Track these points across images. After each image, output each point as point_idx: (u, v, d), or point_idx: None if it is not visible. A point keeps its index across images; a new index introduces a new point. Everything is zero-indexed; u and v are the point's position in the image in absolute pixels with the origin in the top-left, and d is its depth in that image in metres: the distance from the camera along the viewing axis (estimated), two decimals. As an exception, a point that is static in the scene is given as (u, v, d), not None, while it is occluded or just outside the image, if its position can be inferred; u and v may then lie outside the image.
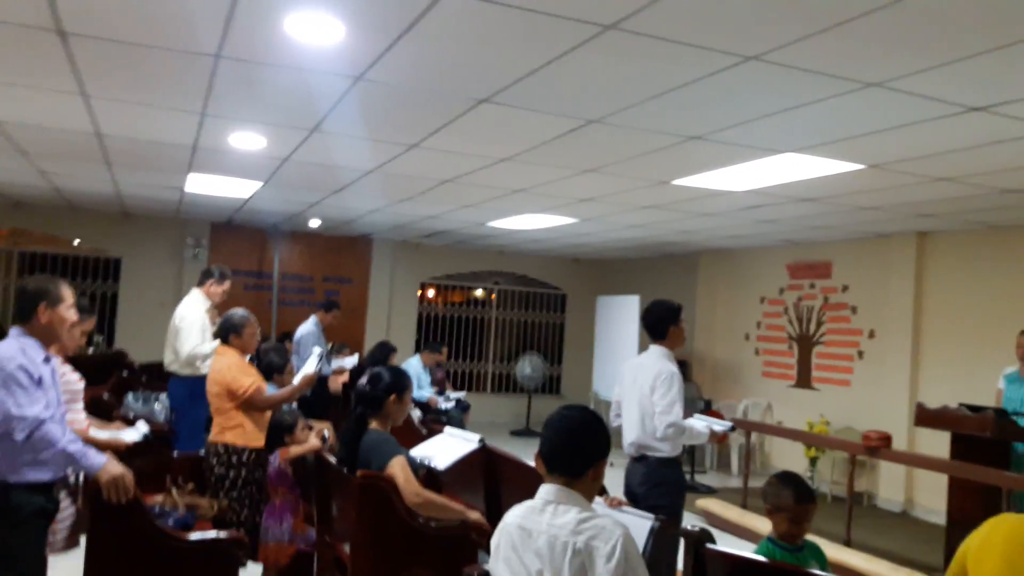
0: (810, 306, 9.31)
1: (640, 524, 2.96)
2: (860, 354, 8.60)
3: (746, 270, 10.34)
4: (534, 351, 12.58)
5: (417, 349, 10.77)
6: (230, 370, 4.58)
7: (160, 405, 6.63)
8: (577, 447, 2.22)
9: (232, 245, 11.40)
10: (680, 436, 4.02)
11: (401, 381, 3.73)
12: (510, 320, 13.33)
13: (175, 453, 4.79)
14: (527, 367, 11.94)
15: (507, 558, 2.18)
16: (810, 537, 3.10)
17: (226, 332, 4.73)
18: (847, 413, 8.52)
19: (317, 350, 5.16)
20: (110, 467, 3.00)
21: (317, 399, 7.41)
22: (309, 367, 4.85)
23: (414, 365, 9.07)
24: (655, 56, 3.36)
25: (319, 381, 7.18)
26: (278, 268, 11.46)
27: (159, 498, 4.29)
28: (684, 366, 10.80)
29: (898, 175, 5.25)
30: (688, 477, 8.45)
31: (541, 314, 13.48)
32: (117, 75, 4.13)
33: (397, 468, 3.47)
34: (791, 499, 2.99)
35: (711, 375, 10.78)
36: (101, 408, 5.40)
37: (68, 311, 3.12)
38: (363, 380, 3.74)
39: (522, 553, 2.14)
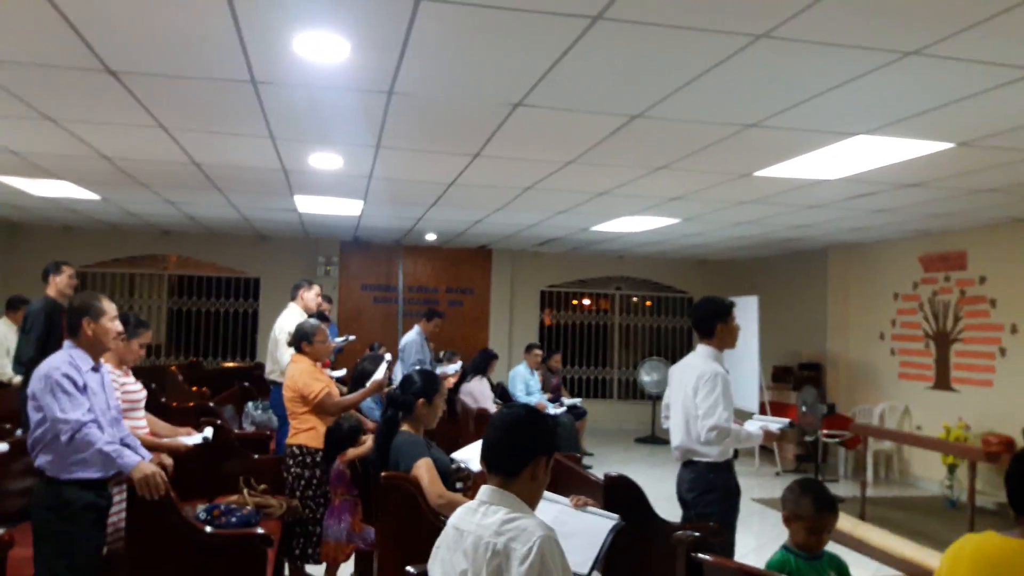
0: (946, 301, 8.56)
1: (601, 524, 2.86)
2: (1002, 351, 7.80)
3: (877, 264, 9.66)
4: (657, 357, 12.32)
5: (547, 356, 10.83)
6: (302, 376, 4.83)
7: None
8: (511, 445, 2.19)
9: (360, 261, 11.97)
10: (724, 439, 3.82)
11: (431, 385, 3.81)
12: (634, 325, 13.13)
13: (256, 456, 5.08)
14: (651, 373, 11.71)
15: (442, 559, 2.18)
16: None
17: (299, 341, 4.99)
18: (990, 416, 7.76)
19: (388, 357, 5.34)
20: (143, 467, 3.26)
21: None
22: (378, 374, 5.02)
23: (520, 371, 9.16)
24: (686, 42, 3.25)
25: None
26: (403, 281, 11.92)
27: (234, 497, 4.61)
28: (817, 369, 10.31)
29: (992, 151, 4.76)
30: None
31: (667, 319, 13.20)
32: (180, 107, 4.50)
33: (423, 470, 3.54)
34: (810, 508, 2.80)
35: (845, 378, 10.13)
36: (203, 414, 5.83)
37: (110, 323, 3.42)
38: (395, 384, 3.85)
39: (452, 553, 2.14)
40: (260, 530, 3.42)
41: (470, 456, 4.07)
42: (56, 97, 4.33)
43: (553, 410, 9.01)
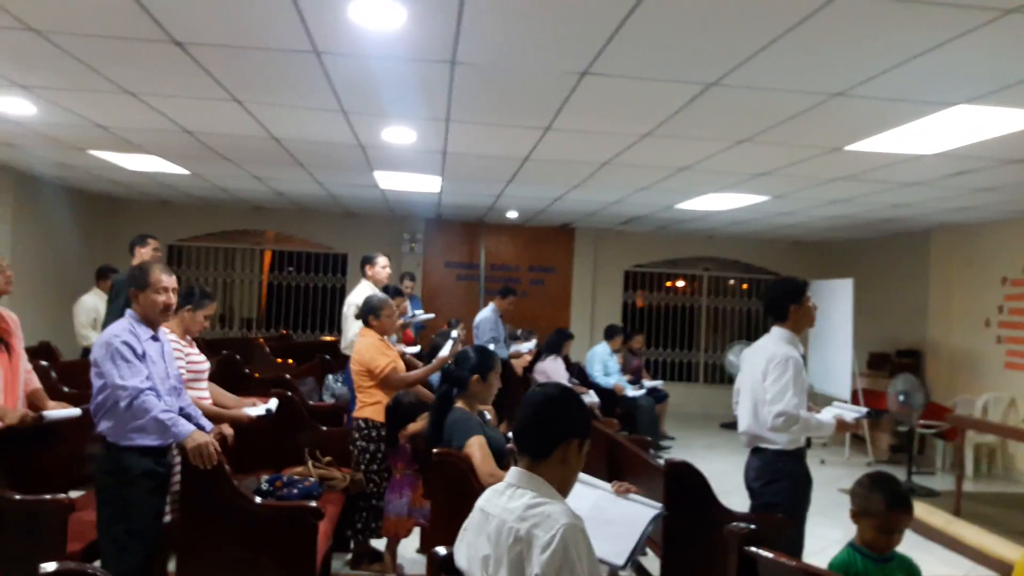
0: (1060, 286, 7.92)
1: (641, 513, 2.70)
2: (1124, 341, 7.16)
3: (984, 247, 9.01)
4: (746, 340, 11.90)
5: (625, 338, 10.61)
6: (368, 350, 4.85)
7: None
8: (541, 425, 2.08)
9: (444, 238, 12.01)
10: (792, 426, 3.58)
11: (486, 362, 3.73)
12: (723, 308, 12.73)
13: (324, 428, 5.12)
14: (738, 356, 11.32)
15: (468, 542, 2.09)
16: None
17: (366, 315, 4.99)
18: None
19: (454, 334, 5.29)
20: (196, 436, 3.30)
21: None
22: (444, 351, 4.98)
23: (599, 352, 8.99)
24: (755, 1, 3.04)
25: (502, 364, 7.36)
26: (484, 259, 11.90)
27: (299, 469, 4.67)
28: (917, 356, 9.75)
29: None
30: (905, 478, 7.58)
31: (757, 301, 12.72)
32: (248, 79, 4.52)
33: (475, 447, 3.47)
34: (881, 504, 2.58)
35: (947, 367, 9.52)
36: (279, 386, 5.92)
37: (155, 295, 3.44)
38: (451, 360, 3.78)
39: (477, 536, 2.04)
40: (312, 503, 3.41)
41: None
42: (130, 70, 4.42)
43: (632, 392, 8.82)
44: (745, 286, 12.82)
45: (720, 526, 3.31)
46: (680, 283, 12.83)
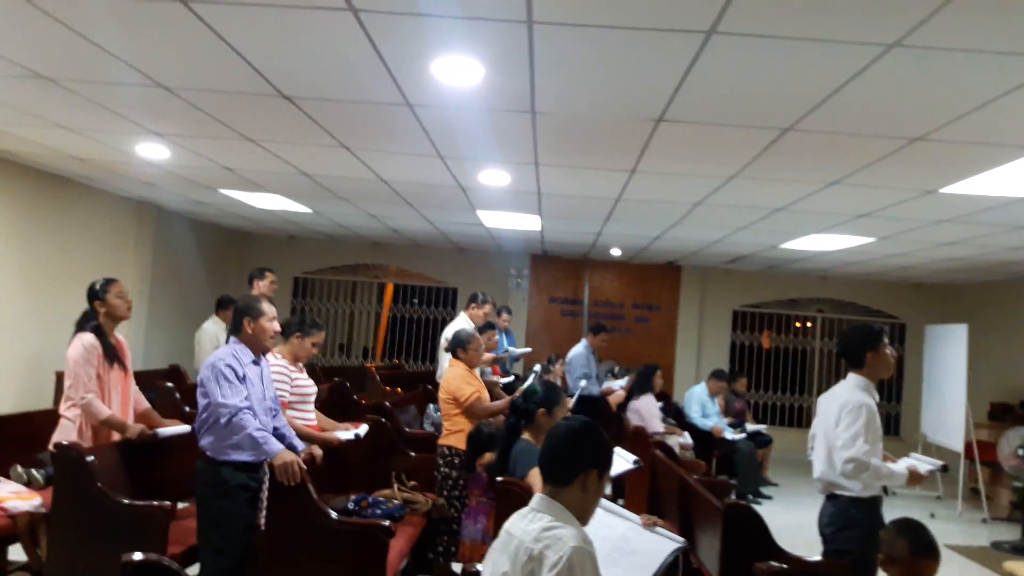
0: None
1: (663, 546, 2.77)
2: None
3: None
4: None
5: (729, 380, 10.46)
6: (455, 380, 5.11)
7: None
8: (564, 454, 2.24)
9: (549, 274, 12.25)
10: (863, 473, 3.56)
11: (552, 397, 3.89)
12: (837, 351, 12.30)
13: (412, 454, 5.40)
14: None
15: (493, 560, 2.27)
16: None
17: (455, 347, 5.27)
18: None
19: (537, 367, 5.48)
20: (284, 455, 3.63)
21: (589, 416, 7.71)
22: (526, 383, 5.18)
23: (698, 393, 8.93)
24: (818, 51, 3.13)
25: (588, 401, 7.50)
26: (589, 295, 12.05)
27: (386, 492, 4.96)
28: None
29: None
30: (1020, 536, 7.15)
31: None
32: (353, 128, 4.93)
33: (536, 477, 3.61)
34: (905, 550, 2.59)
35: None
36: (377, 413, 6.27)
37: (268, 323, 3.83)
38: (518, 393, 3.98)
39: (500, 555, 2.21)
40: (386, 523, 3.66)
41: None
42: (248, 119, 4.91)
43: (731, 435, 8.68)
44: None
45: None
46: (796, 324, 12.51)
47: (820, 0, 2.67)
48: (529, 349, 9.68)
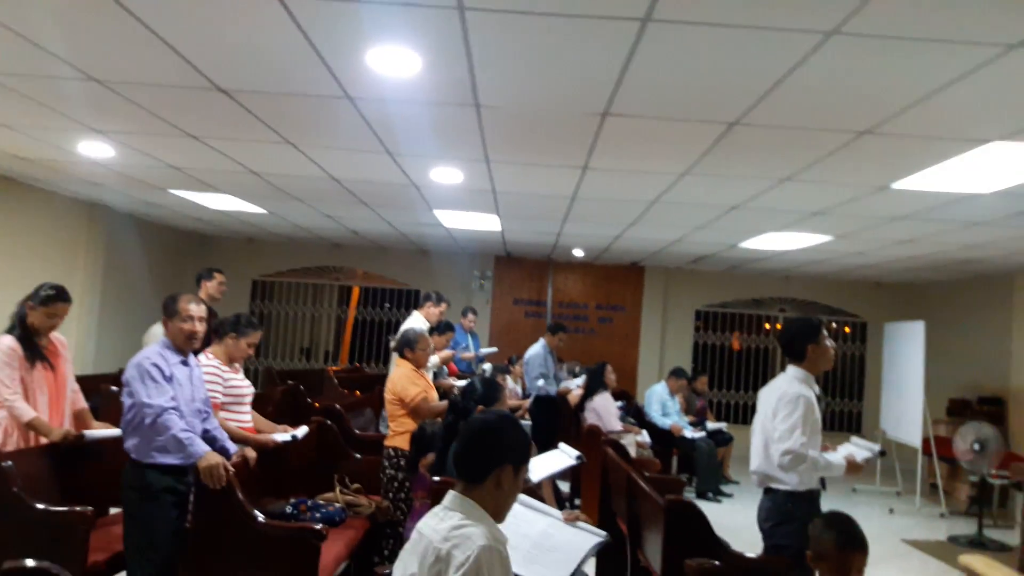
0: None
1: (584, 541, 2.70)
2: None
3: (1074, 290, 8.52)
4: (819, 385, 11.51)
5: (690, 379, 10.44)
6: (401, 380, 5.01)
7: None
8: (475, 451, 2.15)
9: (513, 275, 12.18)
10: (800, 465, 3.51)
11: (491, 394, 3.81)
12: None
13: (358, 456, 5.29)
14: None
15: (404, 559, 2.17)
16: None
17: (402, 347, 5.16)
18: None
19: (487, 366, 5.39)
20: (209, 457, 3.50)
21: (546, 416, 7.65)
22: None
23: (658, 391, 8.90)
24: (751, 40, 3.07)
25: (546, 400, 7.42)
26: (552, 296, 11.99)
27: (328, 495, 4.84)
28: (999, 404, 9.23)
29: None
30: (976, 529, 7.18)
31: (837, 344, 12.30)
32: (295, 123, 4.80)
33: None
34: (831, 545, 2.53)
35: (1035, 416, 8.99)
36: (327, 415, 6.14)
37: (182, 323, 3.68)
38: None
39: (410, 555, 2.12)
40: (319, 526, 3.55)
41: (538, 466, 4.02)
42: (187, 115, 4.77)
43: (690, 434, 8.67)
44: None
45: (725, 569, 3.28)
46: (766, 326, 12.53)
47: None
48: (495, 349, 9.59)
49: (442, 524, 2.05)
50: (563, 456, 4.04)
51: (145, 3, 3.08)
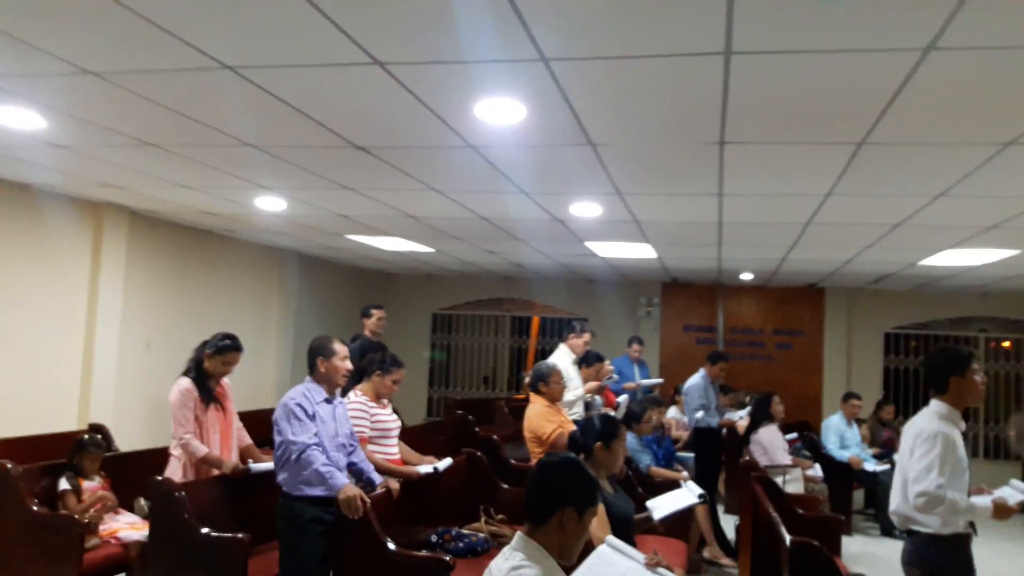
0: None
1: None
2: None
3: None
4: (1033, 411, 10.36)
5: (877, 407, 9.73)
6: (536, 418, 5.13)
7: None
8: (538, 492, 2.21)
9: (681, 301, 11.97)
10: (936, 508, 3.24)
11: (610, 430, 3.82)
12: (1005, 373, 11.17)
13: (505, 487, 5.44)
14: (1020, 427, 9.86)
15: None
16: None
17: (536, 382, 5.29)
18: None
19: (623, 398, 5.38)
20: (347, 489, 3.78)
21: (707, 449, 7.45)
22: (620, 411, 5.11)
23: (834, 422, 8.41)
24: None
25: (708, 433, 7.26)
26: (724, 322, 11.65)
27: (475, 525, 5.03)
28: None
29: None
30: None
31: (1044, 367, 11.03)
32: (433, 171, 5.08)
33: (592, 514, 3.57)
34: None
35: None
36: (485, 446, 6.36)
37: (340, 362, 4.03)
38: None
39: None
40: (447, 557, 3.73)
41: (661, 504, 3.98)
42: (338, 170, 5.20)
43: (873, 467, 8.09)
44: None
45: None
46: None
47: (854, 10, 2.53)
48: (661, 380, 9.47)
49: (505, 564, 2.14)
50: (687, 494, 3.98)
51: (266, 76, 3.43)
